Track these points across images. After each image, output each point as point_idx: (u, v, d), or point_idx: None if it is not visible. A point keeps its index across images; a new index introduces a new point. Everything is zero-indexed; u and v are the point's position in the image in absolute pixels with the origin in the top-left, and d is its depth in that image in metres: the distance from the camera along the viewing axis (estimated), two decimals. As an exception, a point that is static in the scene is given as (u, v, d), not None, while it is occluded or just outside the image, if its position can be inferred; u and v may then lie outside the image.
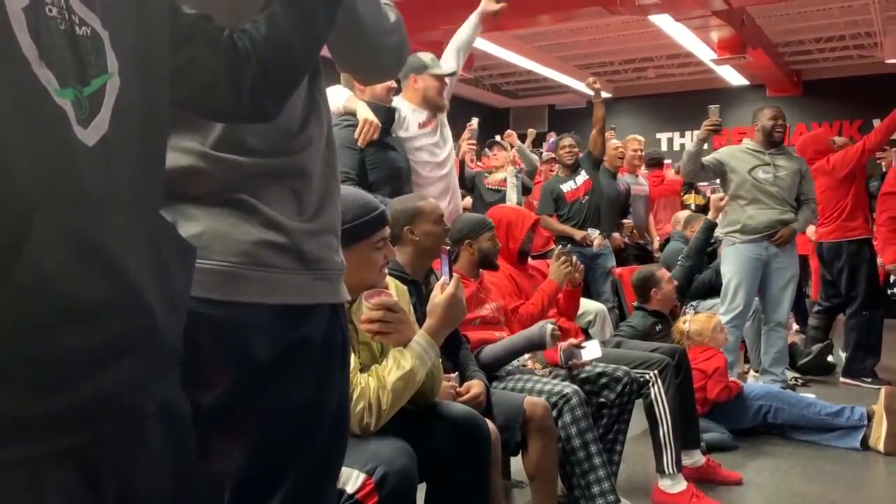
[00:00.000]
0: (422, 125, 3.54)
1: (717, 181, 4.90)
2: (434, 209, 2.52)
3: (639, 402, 3.04)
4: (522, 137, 7.00)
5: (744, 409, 3.83)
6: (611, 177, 5.84)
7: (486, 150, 6.16)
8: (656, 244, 6.45)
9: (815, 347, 5.40)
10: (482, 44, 8.28)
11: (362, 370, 1.83)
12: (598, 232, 5.40)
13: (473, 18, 3.69)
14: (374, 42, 1.29)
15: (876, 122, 10.27)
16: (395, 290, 2.04)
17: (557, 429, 2.51)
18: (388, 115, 3.25)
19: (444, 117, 3.62)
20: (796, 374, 5.25)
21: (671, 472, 3.01)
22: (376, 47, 1.30)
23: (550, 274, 3.27)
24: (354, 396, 1.74)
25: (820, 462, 3.55)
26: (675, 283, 4.00)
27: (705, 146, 4.64)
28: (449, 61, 3.58)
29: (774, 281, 4.53)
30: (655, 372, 3.09)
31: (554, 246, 4.58)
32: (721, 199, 4.31)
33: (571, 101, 11.97)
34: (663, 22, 7.18)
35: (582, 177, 5.58)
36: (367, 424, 1.75)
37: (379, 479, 1.69)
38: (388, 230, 1.88)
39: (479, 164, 6.98)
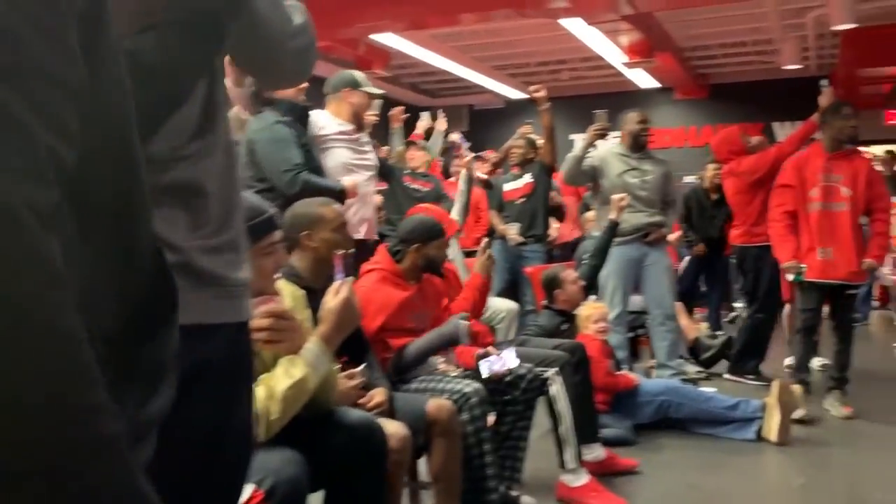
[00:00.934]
0: (344, 132, 3.59)
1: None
2: (336, 216, 2.48)
3: (541, 399, 3.10)
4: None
5: (645, 404, 3.95)
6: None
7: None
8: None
9: (717, 341, 5.63)
10: (398, 42, 8.28)
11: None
12: (516, 227, 5.49)
13: None
14: (276, 45, 1.22)
15: (776, 126, 10.83)
16: (290, 297, 2.01)
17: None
18: (303, 115, 3.22)
19: (365, 136, 3.69)
20: (699, 369, 5.47)
21: (573, 466, 3.08)
22: (279, 50, 1.23)
23: (476, 267, 3.36)
24: (243, 406, 1.71)
25: (717, 454, 3.69)
26: (581, 283, 4.08)
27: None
28: None
29: (651, 278, 4.75)
30: (556, 370, 3.16)
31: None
32: (622, 199, 4.43)
33: (490, 101, 12.08)
34: (574, 26, 7.32)
35: (525, 179, 5.64)
36: (255, 435, 1.72)
37: (268, 490, 1.67)
38: (277, 235, 1.85)
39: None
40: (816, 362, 5.15)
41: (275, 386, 1.74)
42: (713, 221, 6.71)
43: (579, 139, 11.78)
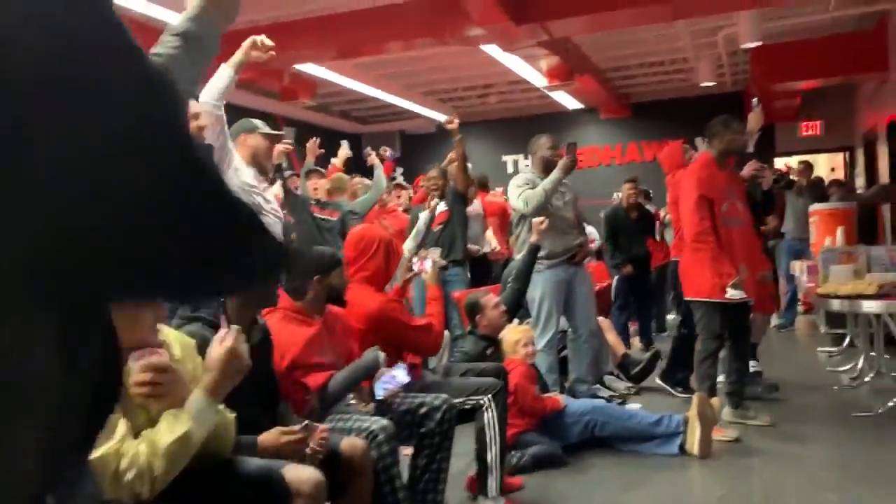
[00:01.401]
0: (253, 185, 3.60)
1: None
2: None
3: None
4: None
5: (571, 424, 3.98)
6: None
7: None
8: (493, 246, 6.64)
9: (646, 356, 5.72)
10: (322, 72, 8.27)
11: (139, 434, 1.74)
12: (437, 252, 5.52)
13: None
14: None
15: (698, 142, 11.13)
16: (179, 346, 1.96)
17: (370, 466, 2.50)
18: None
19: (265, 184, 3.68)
20: (629, 384, 5.54)
21: (494, 495, 3.07)
22: None
23: (428, 279, 3.50)
24: (124, 465, 1.65)
25: (641, 471, 3.73)
26: (503, 307, 4.11)
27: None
28: None
29: (578, 297, 4.80)
30: (489, 397, 3.17)
31: None
32: (541, 223, 4.48)
33: (422, 126, 12.17)
34: (495, 51, 7.43)
35: (441, 208, 5.70)
36: (138, 493, 1.66)
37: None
38: None
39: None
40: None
41: (157, 441, 1.68)
42: (636, 240, 6.84)
43: (511, 160, 12.03)
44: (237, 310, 2.34)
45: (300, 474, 1.96)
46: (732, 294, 4.13)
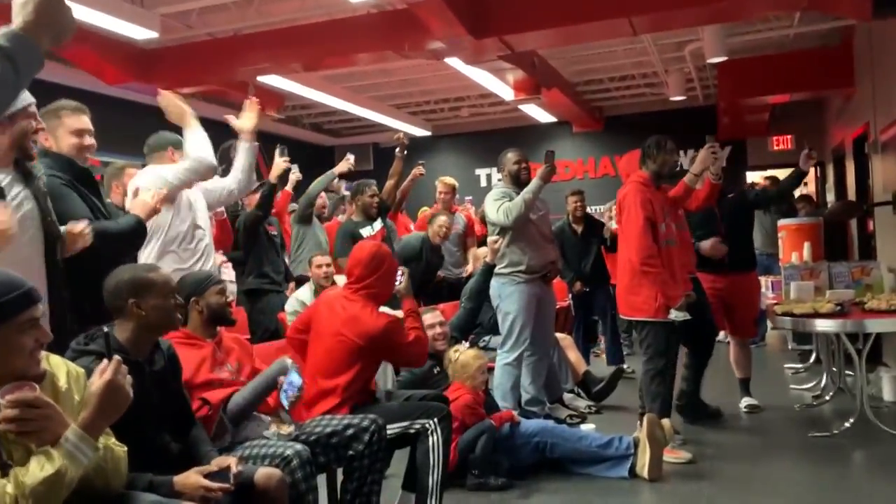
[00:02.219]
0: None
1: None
2: (166, 282, 2.35)
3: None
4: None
5: (521, 445, 3.89)
6: None
7: None
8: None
9: (607, 374, 5.64)
10: (289, 85, 8.19)
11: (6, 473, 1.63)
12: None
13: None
14: None
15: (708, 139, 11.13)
16: (65, 376, 1.85)
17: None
18: (84, 176, 2.94)
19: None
20: (590, 403, 5.46)
21: None
22: None
23: (402, 290, 3.47)
24: (-13, 507, 1.54)
25: (588, 494, 3.64)
26: (442, 328, 4.04)
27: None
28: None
29: (546, 314, 4.74)
30: (436, 420, 3.10)
31: None
32: (496, 242, 4.39)
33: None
34: (462, 65, 7.37)
35: (378, 223, 5.67)
36: None
37: None
38: (38, 310, 1.70)
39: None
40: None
41: (25, 481, 1.57)
42: (585, 255, 6.65)
43: (484, 174, 11.98)
44: (135, 336, 2.24)
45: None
46: (676, 316, 4.11)
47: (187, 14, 6.60)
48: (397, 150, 5.97)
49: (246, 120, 3.85)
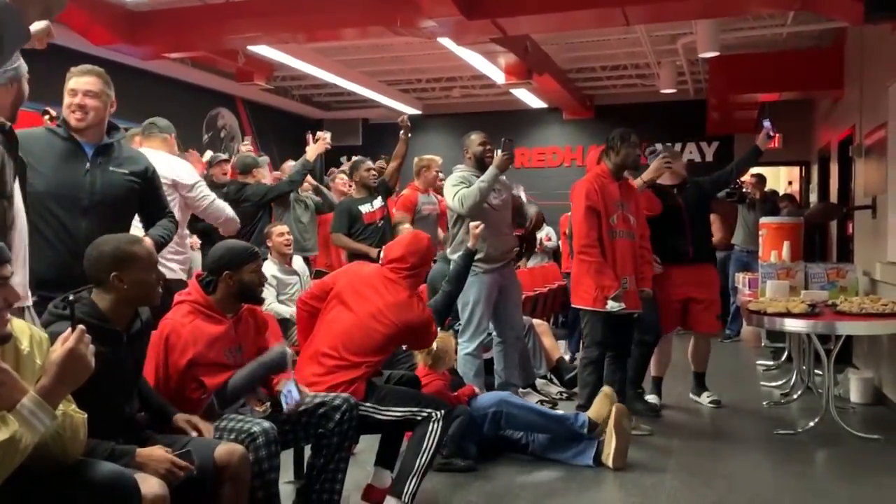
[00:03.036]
0: None
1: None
2: (149, 256, 2.34)
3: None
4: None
5: (479, 418, 3.89)
6: None
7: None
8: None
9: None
10: (278, 55, 8.10)
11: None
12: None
13: None
14: None
15: (658, 146, 11.14)
16: (27, 339, 1.84)
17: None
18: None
19: None
20: (562, 389, 5.51)
21: (407, 500, 3.00)
22: None
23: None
24: (-60, 469, 1.54)
25: (554, 481, 3.69)
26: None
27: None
28: None
29: (507, 301, 4.69)
30: (443, 412, 3.12)
31: None
32: (477, 227, 4.39)
33: (385, 115, 11.98)
34: (454, 45, 7.33)
35: (379, 201, 5.66)
36: None
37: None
38: (7, 269, 1.68)
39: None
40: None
41: (-21, 445, 1.57)
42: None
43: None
44: (114, 306, 2.23)
45: (143, 485, 1.86)
46: (612, 306, 4.18)
47: (178, -23, 6.51)
48: (401, 132, 5.88)
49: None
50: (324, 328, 3.28)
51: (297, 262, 5.41)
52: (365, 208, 5.63)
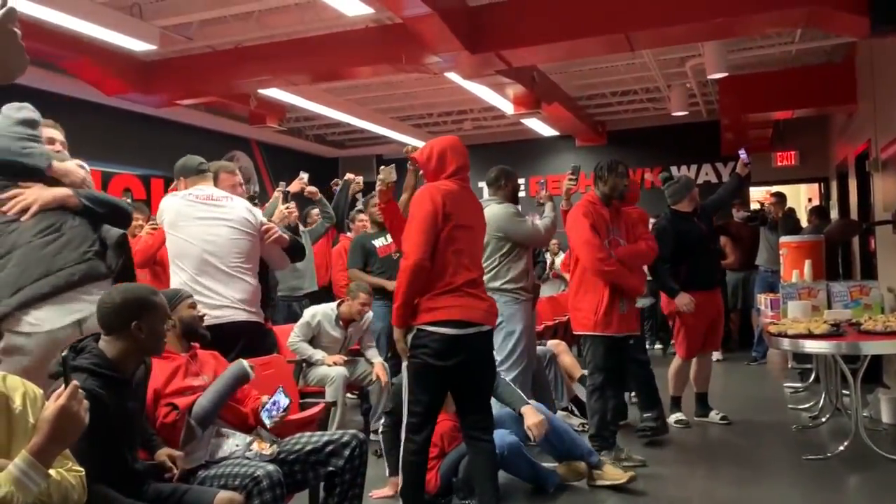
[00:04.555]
0: None
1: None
2: (165, 307, 2.37)
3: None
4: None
5: None
6: None
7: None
8: None
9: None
10: (289, 97, 8.20)
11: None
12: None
13: None
14: None
15: (673, 170, 11.10)
16: (20, 397, 1.82)
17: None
18: None
19: None
20: (584, 420, 5.41)
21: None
22: None
23: None
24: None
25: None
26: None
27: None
28: None
29: (534, 331, 4.83)
30: None
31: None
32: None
33: (398, 150, 12.07)
34: (461, 80, 7.36)
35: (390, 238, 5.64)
36: None
37: None
38: None
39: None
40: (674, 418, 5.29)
41: (-29, 508, 1.55)
42: None
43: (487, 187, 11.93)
44: (124, 355, 2.23)
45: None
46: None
47: (187, 26, 6.62)
48: (409, 163, 5.84)
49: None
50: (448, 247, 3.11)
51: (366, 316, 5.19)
52: (379, 242, 5.62)
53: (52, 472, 1.70)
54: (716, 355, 8.20)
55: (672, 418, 5.27)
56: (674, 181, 5.41)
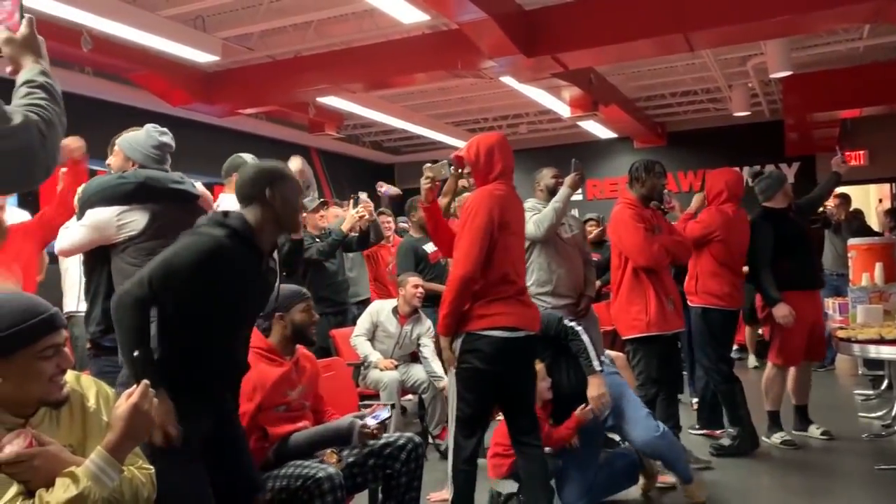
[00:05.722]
0: None
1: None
2: (296, 181, 2.39)
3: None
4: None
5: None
6: None
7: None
8: None
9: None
10: (347, 104, 8.33)
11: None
12: None
13: None
14: None
15: (768, 168, 10.83)
16: (94, 396, 1.89)
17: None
18: None
19: None
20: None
21: None
22: None
23: None
24: (12, 527, 1.59)
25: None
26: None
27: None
28: None
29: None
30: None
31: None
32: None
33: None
34: (516, 83, 7.36)
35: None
36: None
37: None
38: (61, 335, 1.75)
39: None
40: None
41: (50, 502, 1.62)
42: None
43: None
44: (261, 226, 2.26)
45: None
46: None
47: (248, 37, 6.79)
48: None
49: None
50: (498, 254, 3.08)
51: (426, 323, 5.18)
52: (429, 248, 5.61)
53: (123, 469, 1.77)
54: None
55: (775, 439, 4.84)
56: (765, 176, 5.08)
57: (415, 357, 5.22)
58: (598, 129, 10.41)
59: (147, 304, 2.10)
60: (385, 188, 5.81)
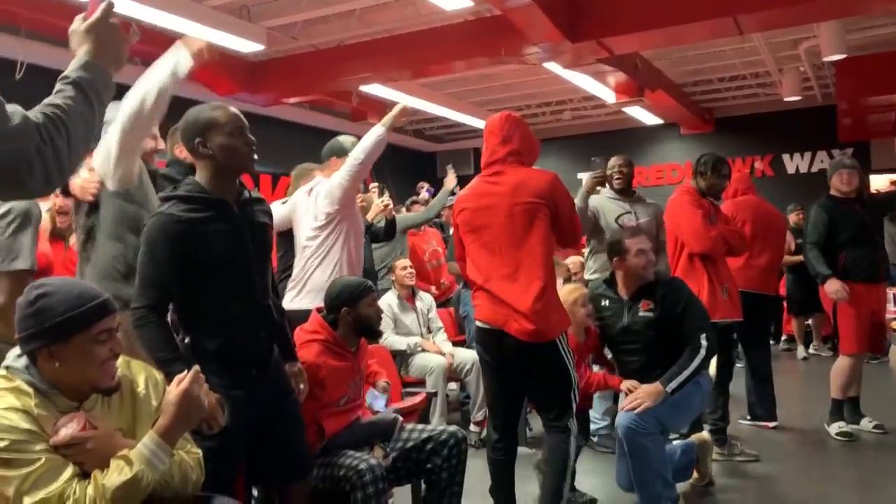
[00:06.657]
0: None
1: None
2: (229, 119, 2.24)
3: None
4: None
5: None
6: None
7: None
8: None
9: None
10: (389, 93, 8.33)
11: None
12: None
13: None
14: None
15: (785, 157, 10.59)
16: (143, 380, 1.93)
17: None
18: None
19: None
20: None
21: None
22: None
23: None
24: (69, 507, 1.63)
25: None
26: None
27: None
28: None
29: None
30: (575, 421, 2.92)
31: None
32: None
33: (496, 143, 12.07)
34: (560, 69, 7.28)
35: None
36: None
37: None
38: (113, 320, 1.78)
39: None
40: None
41: (105, 484, 1.66)
42: None
43: (586, 177, 11.77)
44: (212, 176, 2.23)
45: None
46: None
47: (292, 27, 6.83)
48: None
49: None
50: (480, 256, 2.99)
51: (426, 297, 5.30)
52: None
53: (174, 453, 1.81)
54: (827, 352, 7.81)
55: (833, 428, 4.73)
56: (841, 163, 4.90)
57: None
58: (643, 115, 10.25)
59: (155, 308, 2.12)
60: (427, 188, 5.95)
